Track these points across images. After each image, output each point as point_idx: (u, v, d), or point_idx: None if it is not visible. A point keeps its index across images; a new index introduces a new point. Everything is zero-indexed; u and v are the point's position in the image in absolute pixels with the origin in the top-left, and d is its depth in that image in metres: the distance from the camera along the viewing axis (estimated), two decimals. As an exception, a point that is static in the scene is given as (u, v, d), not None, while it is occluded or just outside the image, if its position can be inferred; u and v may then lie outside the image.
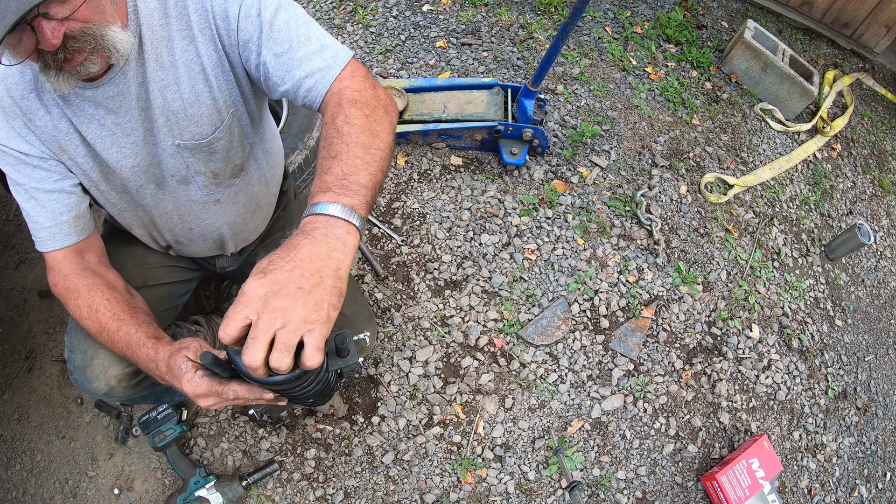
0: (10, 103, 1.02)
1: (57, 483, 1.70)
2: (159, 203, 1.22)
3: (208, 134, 1.11)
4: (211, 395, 0.90)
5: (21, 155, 1.05)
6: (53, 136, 1.06)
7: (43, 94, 1.02)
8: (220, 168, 1.19)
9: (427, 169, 2.38)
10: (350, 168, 0.85)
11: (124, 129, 1.07)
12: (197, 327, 1.67)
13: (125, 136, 1.08)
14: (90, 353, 1.22)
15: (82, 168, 1.11)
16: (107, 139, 1.08)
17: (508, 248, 2.22)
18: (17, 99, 1.02)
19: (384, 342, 1.97)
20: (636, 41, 3.04)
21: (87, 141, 1.07)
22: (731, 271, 2.38)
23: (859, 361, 2.41)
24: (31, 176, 1.07)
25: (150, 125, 1.09)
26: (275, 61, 0.99)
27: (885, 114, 3.34)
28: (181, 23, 1.01)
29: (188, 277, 1.53)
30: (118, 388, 1.26)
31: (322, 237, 0.76)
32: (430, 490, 1.76)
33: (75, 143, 1.07)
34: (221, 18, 1.00)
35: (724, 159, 2.72)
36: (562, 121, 2.63)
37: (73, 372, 1.25)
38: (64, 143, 1.07)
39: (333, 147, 0.87)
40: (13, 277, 2.03)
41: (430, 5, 2.99)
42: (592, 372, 2.02)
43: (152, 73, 1.03)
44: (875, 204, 2.92)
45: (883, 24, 3.27)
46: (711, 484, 1.86)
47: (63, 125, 1.05)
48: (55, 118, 1.04)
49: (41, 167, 1.07)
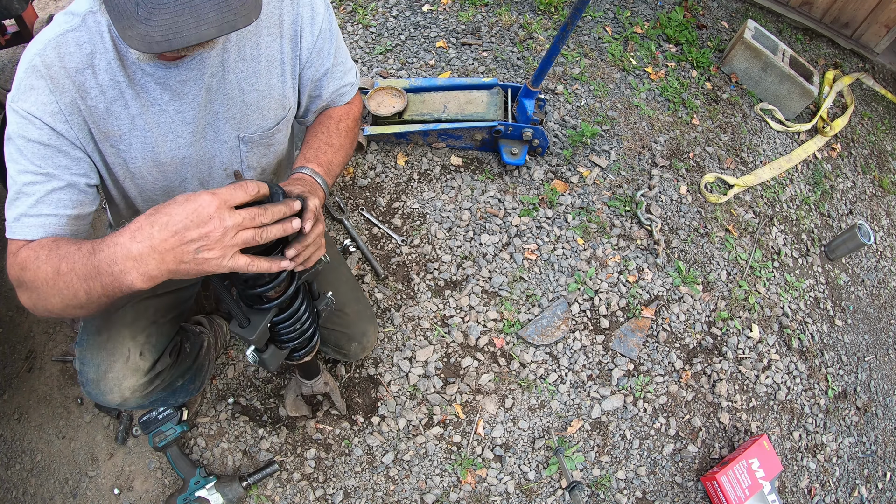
0: (62, 75, 0.95)
1: (57, 483, 1.70)
2: None
3: (271, 126, 1.21)
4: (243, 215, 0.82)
5: (51, 134, 0.96)
6: (102, 119, 1.01)
7: (98, 73, 0.98)
8: (270, 163, 1.30)
9: (427, 169, 2.38)
10: (335, 159, 1.23)
11: (184, 117, 1.07)
12: (200, 328, 1.67)
13: (183, 125, 1.08)
14: (104, 366, 1.22)
15: (123, 157, 1.07)
16: (164, 126, 1.06)
17: (508, 248, 2.22)
18: (72, 72, 0.96)
19: (384, 342, 1.97)
20: (636, 41, 3.04)
21: (138, 127, 1.05)
22: (731, 271, 2.38)
23: (859, 361, 2.41)
24: (49, 160, 0.97)
25: (214, 117, 1.11)
26: (328, 76, 1.25)
27: (885, 114, 3.34)
28: (271, 20, 1.09)
29: (192, 282, 1.53)
30: (132, 399, 1.28)
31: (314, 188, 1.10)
32: (430, 490, 1.76)
33: (124, 128, 1.03)
34: (308, 24, 1.14)
35: (724, 159, 2.72)
36: (562, 121, 2.63)
37: (85, 384, 1.25)
38: (111, 128, 1.02)
39: (333, 138, 1.26)
40: (13, 277, 2.03)
41: (430, 5, 3.00)
42: (592, 372, 2.02)
43: (232, 65, 1.07)
44: (875, 204, 2.92)
45: (883, 24, 3.27)
46: (711, 484, 1.86)
47: (116, 109, 1.02)
48: (108, 100, 1.00)
49: (66, 153, 0.99)
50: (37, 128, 0.95)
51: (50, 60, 0.94)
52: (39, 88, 0.94)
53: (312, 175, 1.14)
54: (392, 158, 2.39)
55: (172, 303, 1.42)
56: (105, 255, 0.83)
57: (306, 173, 1.14)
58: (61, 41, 0.95)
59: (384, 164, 2.37)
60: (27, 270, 0.92)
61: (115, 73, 0.99)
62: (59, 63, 0.95)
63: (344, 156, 1.26)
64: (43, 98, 0.94)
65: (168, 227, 0.79)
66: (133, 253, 0.80)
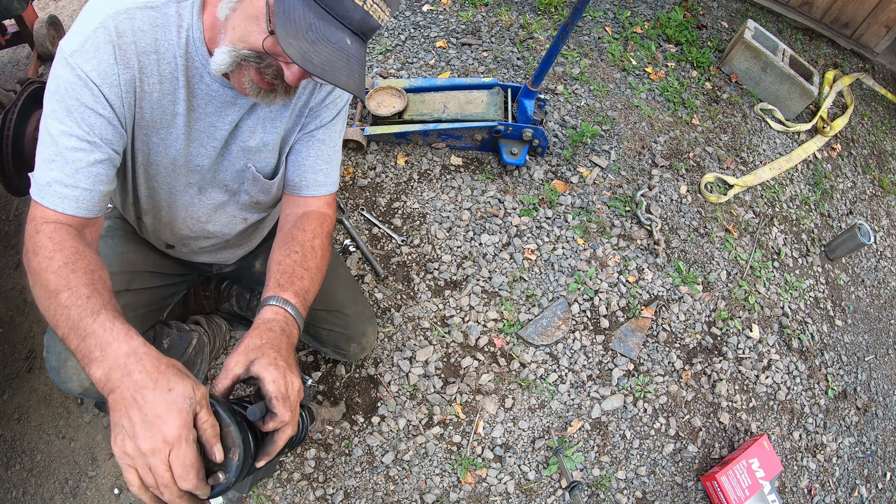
0: (131, 50, 0.94)
1: (57, 483, 1.70)
2: (190, 206, 1.24)
3: (273, 165, 1.23)
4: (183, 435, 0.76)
5: (105, 105, 0.95)
6: (150, 106, 1.01)
7: (161, 62, 0.99)
8: (264, 200, 1.29)
9: (427, 169, 2.38)
10: (312, 286, 1.12)
11: (215, 133, 1.11)
12: (193, 326, 1.67)
13: (212, 139, 1.12)
14: (63, 355, 1.21)
15: (149, 148, 1.08)
16: (197, 133, 1.09)
17: (508, 248, 2.22)
18: (140, 50, 0.95)
19: (384, 342, 1.97)
20: (636, 41, 3.04)
21: (177, 126, 1.07)
22: (731, 271, 2.38)
23: (859, 361, 2.41)
24: (97, 129, 0.95)
25: (232, 142, 1.15)
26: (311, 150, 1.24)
27: (885, 114, 3.34)
28: None
29: (175, 282, 1.52)
30: (93, 389, 1.26)
31: (287, 335, 1.01)
32: (430, 490, 1.76)
33: (165, 122, 1.05)
34: (327, 93, 1.20)
35: (724, 159, 2.72)
36: (562, 121, 2.63)
37: (49, 371, 1.25)
38: (154, 118, 1.03)
39: (308, 260, 1.14)
40: (13, 277, 2.03)
41: (430, 5, 3.00)
42: (592, 372, 2.02)
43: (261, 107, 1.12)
44: (875, 204, 2.92)
45: (883, 24, 3.27)
46: (711, 484, 1.86)
47: (165, 102, 1.03)
48: (162, 91, 1.01)
49: (115, 128, 0.98)
50: (93, 94, 0.93)
51: (123, 29, 0.93)
52: (105, 54, 0.92)
53: (293, 314, 1.04)
54: (392, 158, 2.39)
55: (148, 299, 1.41)
56: (98, 337, 0.82)
57: (283, 310, 1.03)
58: (137, 15, 0.94)
59: (384, 164, 2.37)
60: (37, 258, 0.91)
61: (177, 68, 1.00)
62: (130, 36, 0.94)
63: (319, 280, 1.15)
64: (106, 66, 0.93)
65: (139, 409, 0.76)
66: (109, 366, 0.80)
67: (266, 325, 0.99)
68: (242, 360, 0.90)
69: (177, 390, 0.77)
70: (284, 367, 0.91)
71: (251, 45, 0.93)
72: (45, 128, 0.94)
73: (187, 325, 1.65)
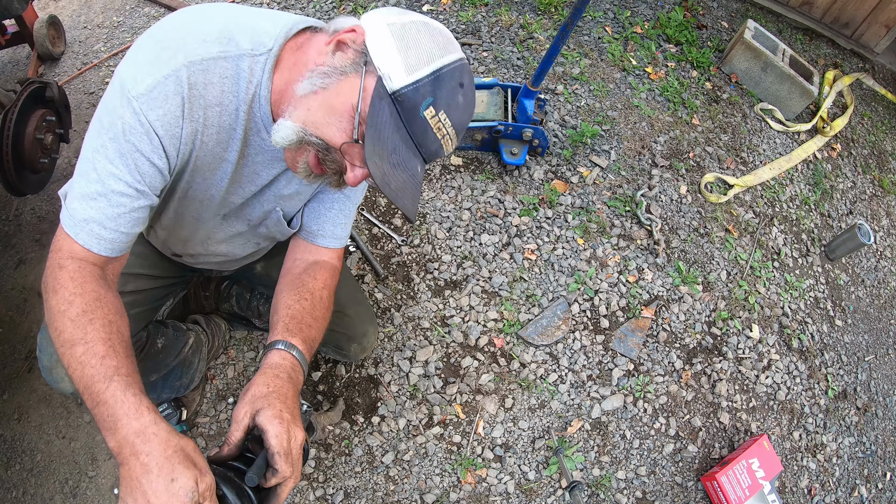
0: (198, 104, 0.93)
1: (57, 483, 1.70)
2: (212, 229, 1.24)
3: (298, 210, 1.26)
4: None
5: (162, 156, 0.93)
6: (203, 153, 1.00)
7: (223, 114, 0.97)
8: (280, 237, 1.32)
9: (427, 169, 2.38)
10: (318, 336, 1.14)
11: (256, 180, 1.12)
12: (190, 325, 1.67)
13: (250, 184, 1.13)
14: (56, 356, 1.20)
15: (190, 185, 1.06)
16: (239, 177, 1.10)
17: (508, 248, 2.22)
18: (207, 103, 0.94)
19: (384, 342, 1.97)
20: (636, 41, 3.04)
21: (223, 171, 1.06)
22: (731, 271, 2.38)
23: (859, 361, 2.41)
24: (148, 178, 0.93)
25: (268, 189, 1.16)
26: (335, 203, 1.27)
27: (885, 114, 3.34)
28: None
29: (173, 283, 1.51)
30: None
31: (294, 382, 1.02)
32: (430, 490, 1.76)
33: (213, 166, 1.04)
34: None
35: (724, 159, 2.72)
36: (562, 121, 2.63)
37: (42, 370, 1.25)
38: (204, 162, 1.02)
39: (317, 310, 1.16)
40: (13, 277, 2.03)
41: (430, 5, 2.99)
42: (592, 372, 2.02)
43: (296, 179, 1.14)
44: (875, 204, 2.93)
45: (883, 24, 3.27)
46: (711, 484, 1.86)
47: (218, 150, 1.02)
48: (218, 140, 1.00)
49: (164, 177, 0.96)
50: (153, 145, 0.90)
51: (195, 81, 0.90)
52: (173, 105, 0.90)
53: (300, 360, 1.05)
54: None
55: (144, 299, 1.41)
56: (110, 408, 0.81)
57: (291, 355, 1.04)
58: (211, 67, 0.92)
59: (384, 164, 2.37)
60: (56, 298, 0.88)
61: (237, 121, 0.99)
62: (202, 90, 0.92)
63: (324, 330, 1.17)
64: (172, 119, 0.90)
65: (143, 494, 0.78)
66: (119, 441, 0.80)
67: (273, 372, 0.99)
68: (249, 410, 0.91)
69: (179, 482, 0.77)
70: (289, 420, 0.91)
71: (324, 137, 0.93)
72: (92, 162, 0.90)
73: (184, 325, 1.65)
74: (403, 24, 0.92)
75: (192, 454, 0.82)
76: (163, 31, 0.92)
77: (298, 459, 0.92)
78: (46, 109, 1.96)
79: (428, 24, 0.94)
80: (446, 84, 0.91)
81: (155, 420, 0.81)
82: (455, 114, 0.93)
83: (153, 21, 2.89)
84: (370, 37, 0.91)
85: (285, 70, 0.98)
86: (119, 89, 0.88)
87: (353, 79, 0.91)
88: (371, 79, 0.90)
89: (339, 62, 0.92)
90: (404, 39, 0.90)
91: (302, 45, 1.00)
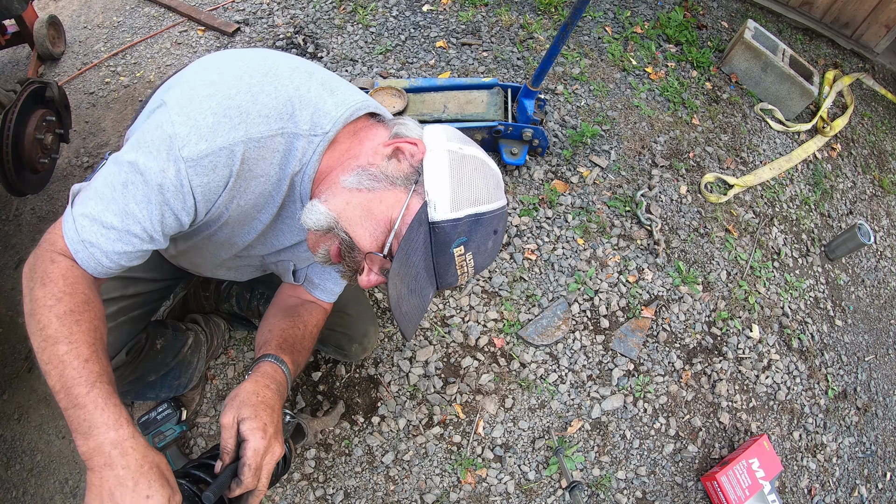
0: (245, 177, 0.91)
1: (57, 483, 1.70)
2: (225, 261, 1.25)
3: (304, 266, 1.30)
4: None
5: (192, 214, 0.91)
6: (237, 213, 0.99)
7: (266, 183, 0.96)
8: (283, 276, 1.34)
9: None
10: (302, 365, 1.21)
11: (280, 240, 1.14)
12: (189, 325, 1.67)
13: (275, 242, 1.14)
14: None
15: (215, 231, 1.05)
16: (263, 233, 1.10)
17: (508, 248, 2.22)
18: (253, 176, 0.93)
19: (384, 342, 1.97)
20: (636, 41, 3.04)
21: (253, 227, 1.07)
22: (731, 271, 2.38)
23: (859, 361, 2.41)
24: (168, 229, 0.91)
25: (288, 248, 1.18)
26: None
27: (885, 114, 3.34)
28: None
29: (172, 284, 1.51)
30: None
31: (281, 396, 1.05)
32: (430, 490, 1.76)
33: (243, 223, 1.04)
34: None
35: (724, 159, 2.72)
36: (562, 121, 2.63)
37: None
38: (235, 218, 1.00)
39: (306, 341, 1.23)
40: (13, 277, 2.03)
41: (430, 5, 3.00)
42: (592, 372, 2.02)
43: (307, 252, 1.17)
44: (875, 204, 2.93)
45: (883, 24, 3.27)
46: (711, 484, 1.86)
47: (253, 212, 1.02)
48: (255, 204, 0.99)
49: (182, 227, 0.94)
50: (185, 206, 0.88)
51: (248, 157, 0.89)
52: (220, 178, 0.88)
53: (287, 377, 1.09)
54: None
55: (143, 301, 1.41)
56: (89, 413, 0.80)
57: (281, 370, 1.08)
58: (268, 144, 0.90)
59: (384, 164, 2.37)
60: (43, 290, 0.86)
61: (278, 191, 0.99)
62: (252, 165, 0.91)
63: (303, 365, 1.23)
64: (214, 189, 0.89)
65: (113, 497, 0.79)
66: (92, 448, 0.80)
67: (264, 381, 1.01)
68: (236, 416, 0.93)
69: (154, 499, 0.78)
70: (271, 435, 0.94)
71: (354, 236, 0.93)
72: (120, 192, 0.86)
73: (183, 325, 1.65)
74: (463, 157, 0.93)
75: (165, 472, 0.83)
76: (228, 91, 0.87)
77: (268, 473, 0.93)
78: (46, 109, 1.96)
79: (485, 164, 0.95)
80: (483, 229, 0.92)
81: (133, 434, 0.82)
82: (480, 257, 0.95)
83: (153, 21, 2.89)
84: (429, 159, 0.92)
85: (336, 153, 0.98)
86: (168, 141, 0.84)
87: (400, 192, 0.91)
88: (417, 200, 0.90)
89: (392, 171, 0.93)
90: (460, 173, 0.91)
91: (359, 132, 1.00)
